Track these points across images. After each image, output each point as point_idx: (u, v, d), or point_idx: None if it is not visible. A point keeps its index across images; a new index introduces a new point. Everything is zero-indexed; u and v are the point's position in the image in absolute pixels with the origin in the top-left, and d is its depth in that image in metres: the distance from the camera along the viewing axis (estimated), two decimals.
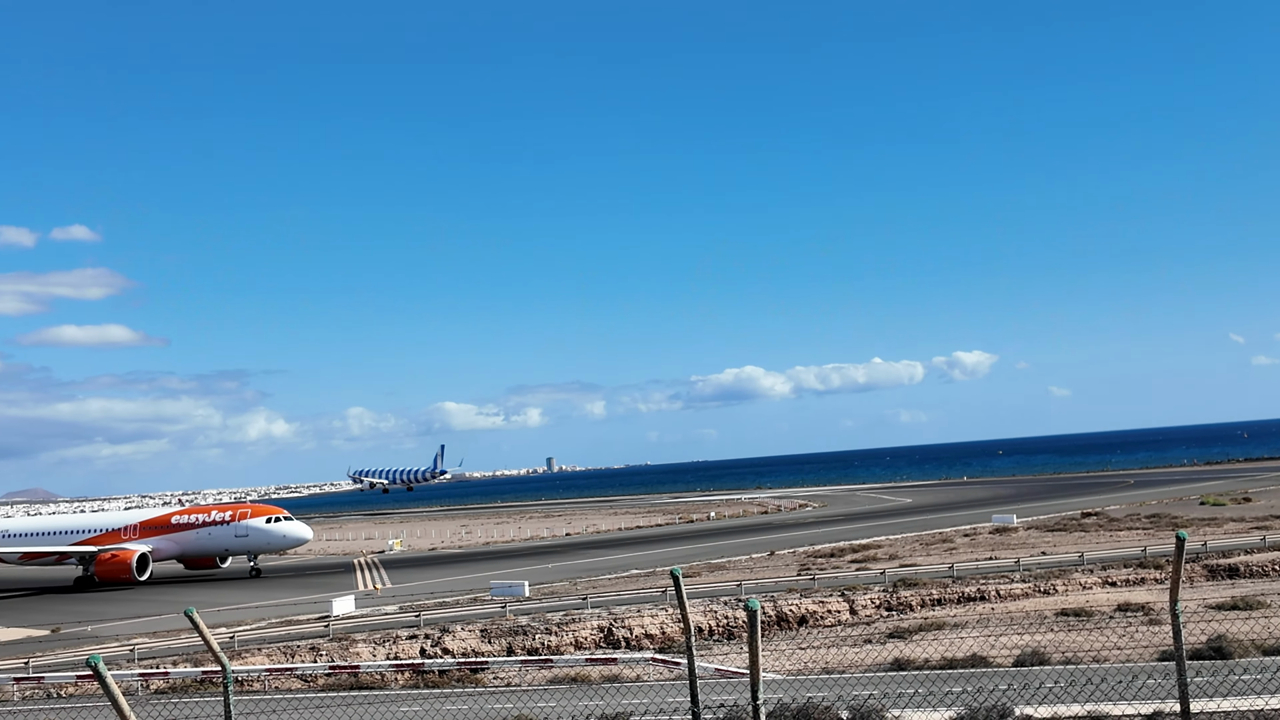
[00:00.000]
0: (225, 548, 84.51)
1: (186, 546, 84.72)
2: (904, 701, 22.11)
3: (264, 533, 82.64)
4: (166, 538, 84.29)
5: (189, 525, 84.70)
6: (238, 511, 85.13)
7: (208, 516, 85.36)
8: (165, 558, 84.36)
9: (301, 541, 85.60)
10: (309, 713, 28.82)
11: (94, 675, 9.83)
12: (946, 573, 55.84)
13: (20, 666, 42.02)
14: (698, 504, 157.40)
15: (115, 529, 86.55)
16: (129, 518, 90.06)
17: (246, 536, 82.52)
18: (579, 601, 52.34)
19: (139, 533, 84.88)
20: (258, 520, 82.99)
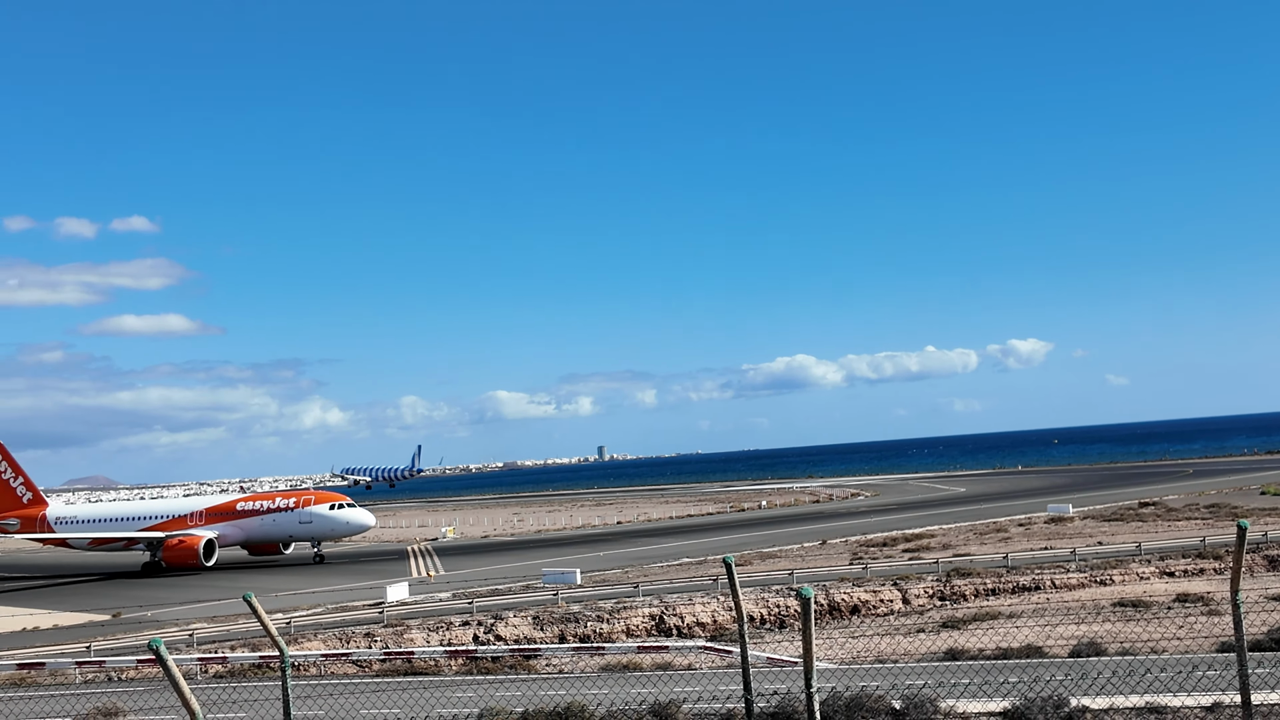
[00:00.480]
0: (289, 534, 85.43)
1: (251, 533, 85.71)
2: (957, 692, 21.95)
3: (327, 519, 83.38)
4: (232, 524, 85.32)
5: (254, 512, 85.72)
6: (301, 498, 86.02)
7: (272, 503, 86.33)
8: (230, 544, 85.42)
9: (364, 528, 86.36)
10: (364, 697, 29.13)
11: (155, 659, 9.99)
12: (1001, 562, 55.37)
13: (82, 650, 42.82)
14: (749, 493, 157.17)
15: (181, 515, 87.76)
16: (195, 504, 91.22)
17: (310, 523, 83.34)
18: (630, 589, 52.47)
19: (205, 519, 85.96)
20: (321, 507, 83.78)
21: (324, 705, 27.62)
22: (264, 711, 26.06)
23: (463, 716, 22.27)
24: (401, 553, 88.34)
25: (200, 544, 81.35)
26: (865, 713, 19.69)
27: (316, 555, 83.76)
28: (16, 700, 32.72)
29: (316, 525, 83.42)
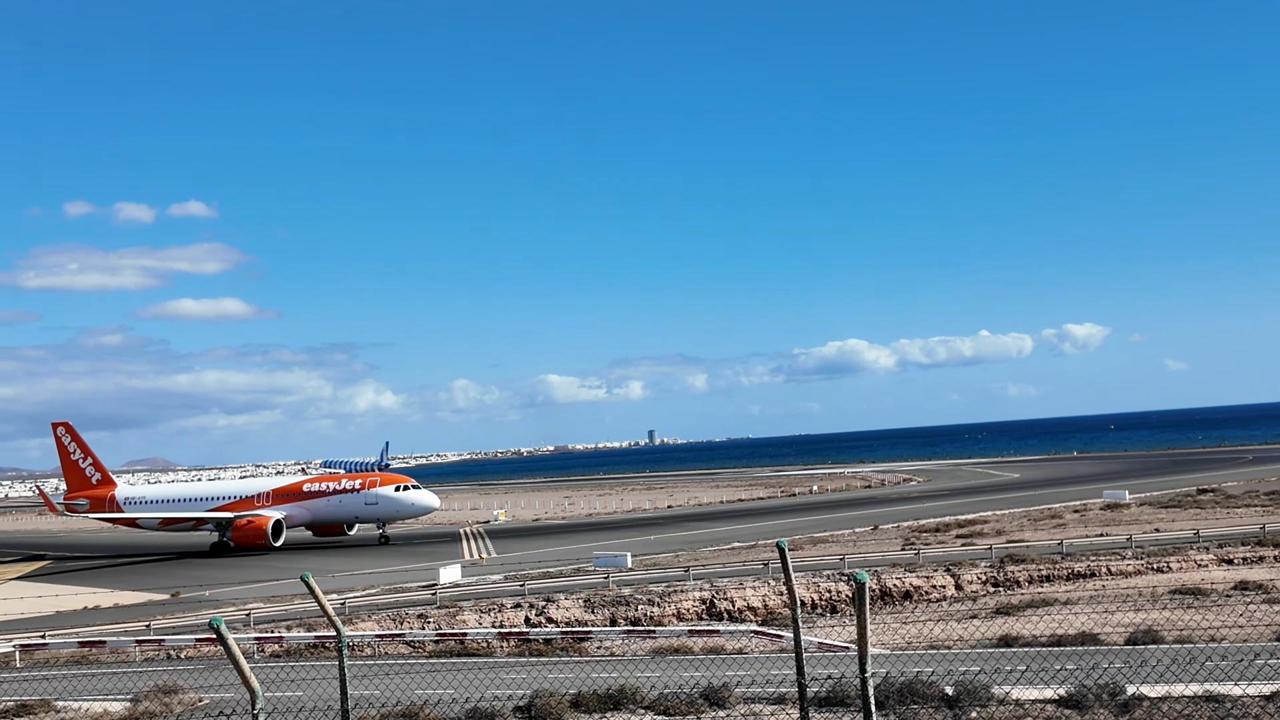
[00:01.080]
0: (355, 515, 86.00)
1: (317, 513, 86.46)
2: (1011, 679, 21.79)
3: (393, 500, 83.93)
4: (298, 505, 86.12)
5: (320, 493, 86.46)
6: (367, 479, 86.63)
7: (338, 484, 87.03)
8: (297, 524, 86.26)
9: (429, 509, 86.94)
10: (418, 678, 29.40)
11: (216, 637, 10.14)
12: (1055, 549, 54.81)
13: (142, 629, 43.58)
14: (800, 478, 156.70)
15: (249, 496, 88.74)
16: (261, 485, 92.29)
17: (376, 504, 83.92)
18: (681, 573, 52.52)
19: (271, 500, 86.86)
20: (387, 488, 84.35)
21: (378, 685, 27.93)
22: (320, 691, 26.39)
23: (515, 698, 22.43)
24: (454, 535, 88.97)
25: (269, 524, 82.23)
26: (918, 699, 19.61)
27: (382, 536, 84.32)
28: (79, 678, 33.37)
29: (382, 507, 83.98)
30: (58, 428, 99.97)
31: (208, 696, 27.93)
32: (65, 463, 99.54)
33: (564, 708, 21.53)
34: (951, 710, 18.87)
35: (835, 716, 19.37)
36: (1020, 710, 18.82)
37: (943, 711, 18.90)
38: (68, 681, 32.62)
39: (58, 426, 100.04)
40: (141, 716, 25.13)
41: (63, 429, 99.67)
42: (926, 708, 19.20)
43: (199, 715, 24.81)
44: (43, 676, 34.64)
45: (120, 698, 27.98)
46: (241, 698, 25.92)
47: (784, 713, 20.44)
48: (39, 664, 38.36)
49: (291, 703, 24.77)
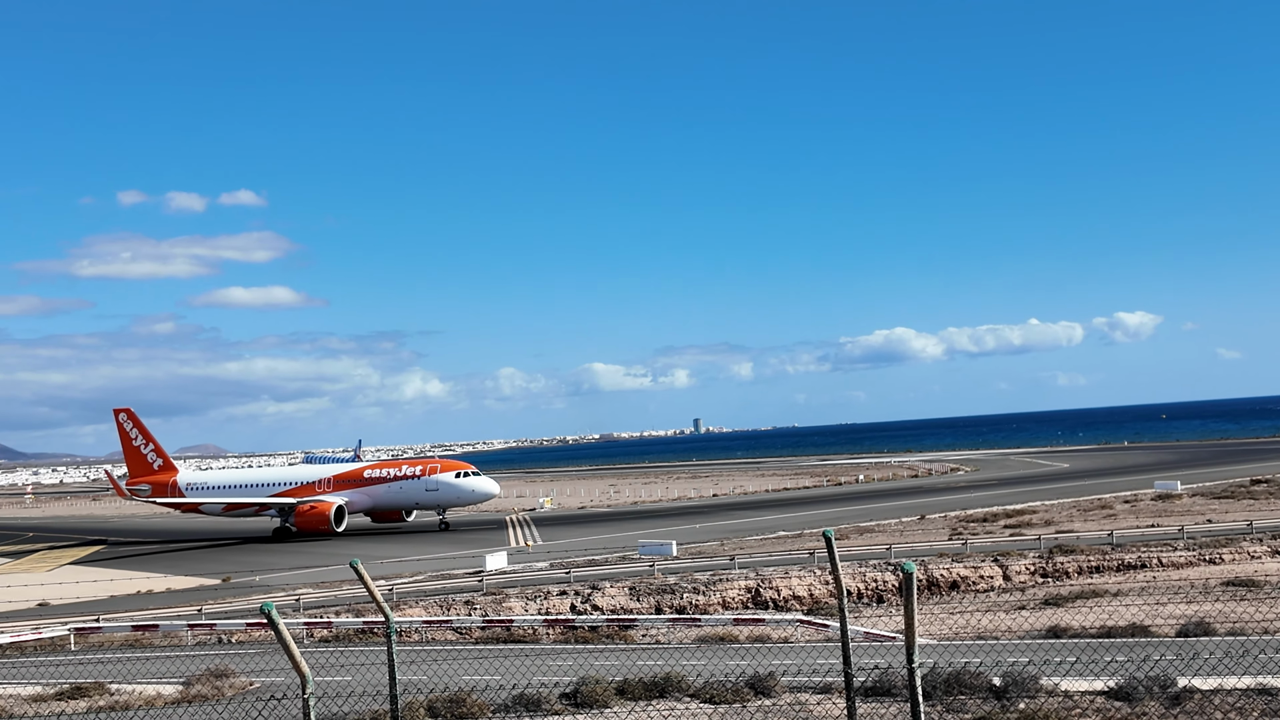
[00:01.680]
0: (415, 501, 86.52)
1: (378, 499, 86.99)
2: (1060, 670, 21.62)
3: (453, 487, 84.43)
4: (360, 491, 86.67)
5: (380, 479, 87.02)
6: (427, 466, 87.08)
7: (398, 470, 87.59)
8: (357, 510, 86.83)
9: (489, 495, 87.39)
10: (465, 663, 29.60)
11: (267, 622, 10.26)
12: (1105, 540, 54.25)
13: (194, 613, 44.18)
14: (846, 467, 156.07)
15: (310, 482, 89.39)
16: (322, 471, 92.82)
17: (436, 491, 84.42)
18: (726, 562, 52.50)
19: (332, 486, 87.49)
20: (447, 475, 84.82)
21: (426, 670, 28.13)
22: (369, 675, 26.64)
23: (561, 685, 22.53)
24: (500, 523, 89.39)
25: (331, 510, 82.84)
26: (965, 689, 19.50)
27: (442, 523, 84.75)
28: (133, 661, 33.89)
29: (443, 493, 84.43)
30: (119, 414, 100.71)
31: (258, 680, 28.27)
32: (127, 449, 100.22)
33: (609, 695, 21.60)
34: (999, 701, 18.75)
35: (882, 706, 19.30)
36: (1069, 702, 18.66)
37: (990, 702, 18.78)
38: (121, 664, 33.14)
39: (119, 413, 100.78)
40: (194, 699, 25.47)
41: (124, 415, 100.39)
42: (974, 698, 19.09)
43: (250, 699, 25.12)
44: (97, 659, 35.21)
45: (173, 681, 28.39)
46: (292, 682, 26.24)
47: (830, 702, 20.39)
48: (93, 647, 39.00)
49: (341, 687, 25.03)
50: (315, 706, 11.05)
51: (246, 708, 23.01)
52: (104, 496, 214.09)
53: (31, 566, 74.78)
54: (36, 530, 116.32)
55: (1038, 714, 17.57)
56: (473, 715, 20.65)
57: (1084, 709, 18.21)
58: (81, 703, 26.62)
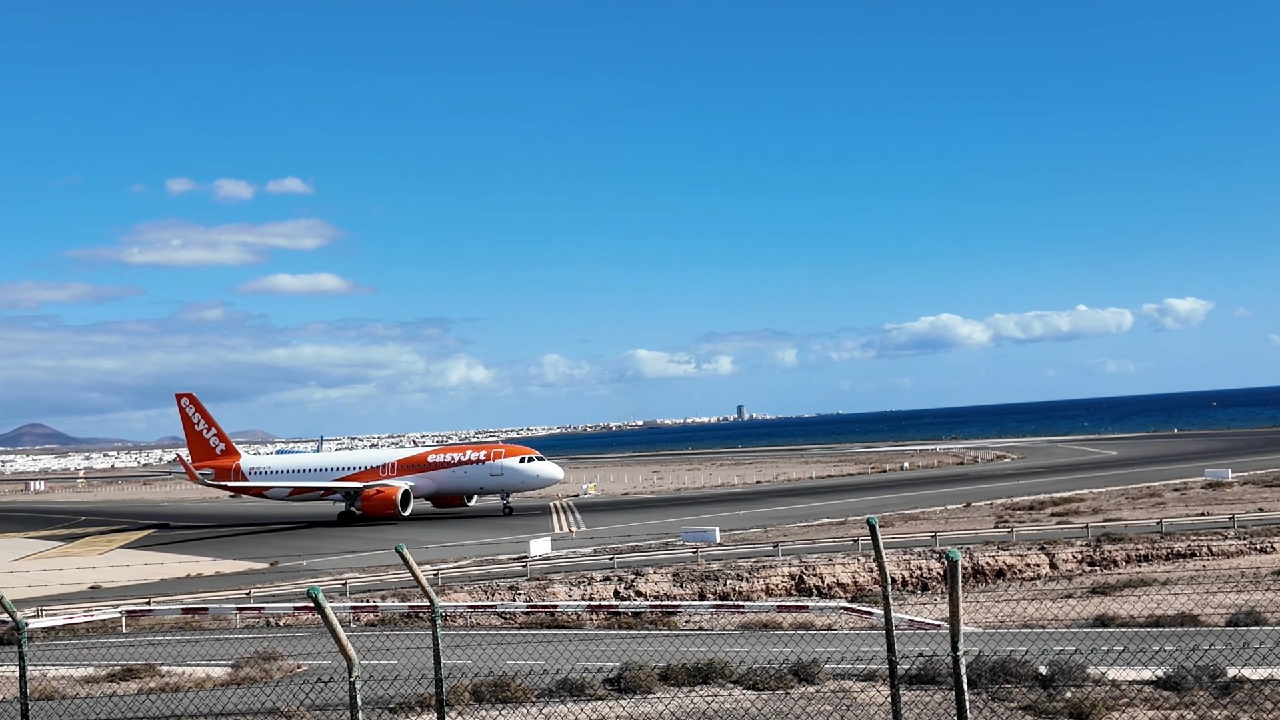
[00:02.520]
0: (480, 486, 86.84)
1: (442, 484, 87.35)
2: (1108, 659, 21.42)
3: (518, 472, 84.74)
4: (424, 475, 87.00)
5: (445, 464, 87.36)
6: (492, 451, 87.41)
7: (463, 455, 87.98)
8: (422, 495, 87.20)
9: (553, 480, 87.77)
10: (509, 648, 29.77)
11: (314, 606, 10.35)
12: (1154, 528, 53.66)
13: (242, 596, 44.72)
14: (890, 454, 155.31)
15: (374, 466, 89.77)
16: (386, 455, 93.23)
17: (501, 475, 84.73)
18: (770, 549, 52.44)
19: (396, 470, 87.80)
20: (512, 460, 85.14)
21: (470, 655, 28.32)
22: (414, 660, 26.86)
23: (605, 670, 22.60)
24: (544, 508, 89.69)
25: (398, 494, 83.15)
26: (1011, 678, 19.37)
27: (506, 507, 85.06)
28: (182, 643, 34.37)
29: (507, 478, 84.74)
30: (181, 399, 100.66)
31: (306, 663, 28.58)
32: (189, 433, 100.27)
33: (653, 680, 21.64)
34: (1045, 690, 18.61)
35: (926, 694, 19.22)
36: (1116, 691, 18.49)
37: (1036, 691, 18.65)
38: (171, 647, 33.62)
39: (181, 397, 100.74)
40: (242, 682, 25.78)
41: (187, 400, 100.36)
42: (1020, 687, 18.95)
43: (297, 681, 25.39)
44: (147, 641, 35.72)
45: (221, 663, 28.75)
46: (338, 665, 26.49)
47: (874, 689, 20.32)
48: (144, 629, 39.59)
49: (386, 670, 25.25)
50: (361, 689, 11.15)
51: (294, 690, 23.26)
52: (154, 481, 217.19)
53: (83, 550, 75.97)
54: (88, 514, 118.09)
55: (1085, 703, 17.43)
56: (517, 699, 20.76)
57: (1132, 698, 18.03)
58: (132, 684, 27.03)
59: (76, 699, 24.83)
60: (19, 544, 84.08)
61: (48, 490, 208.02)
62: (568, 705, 20.17)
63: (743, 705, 19.52)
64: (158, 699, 23.48)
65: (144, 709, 22.27)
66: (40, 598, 47.55)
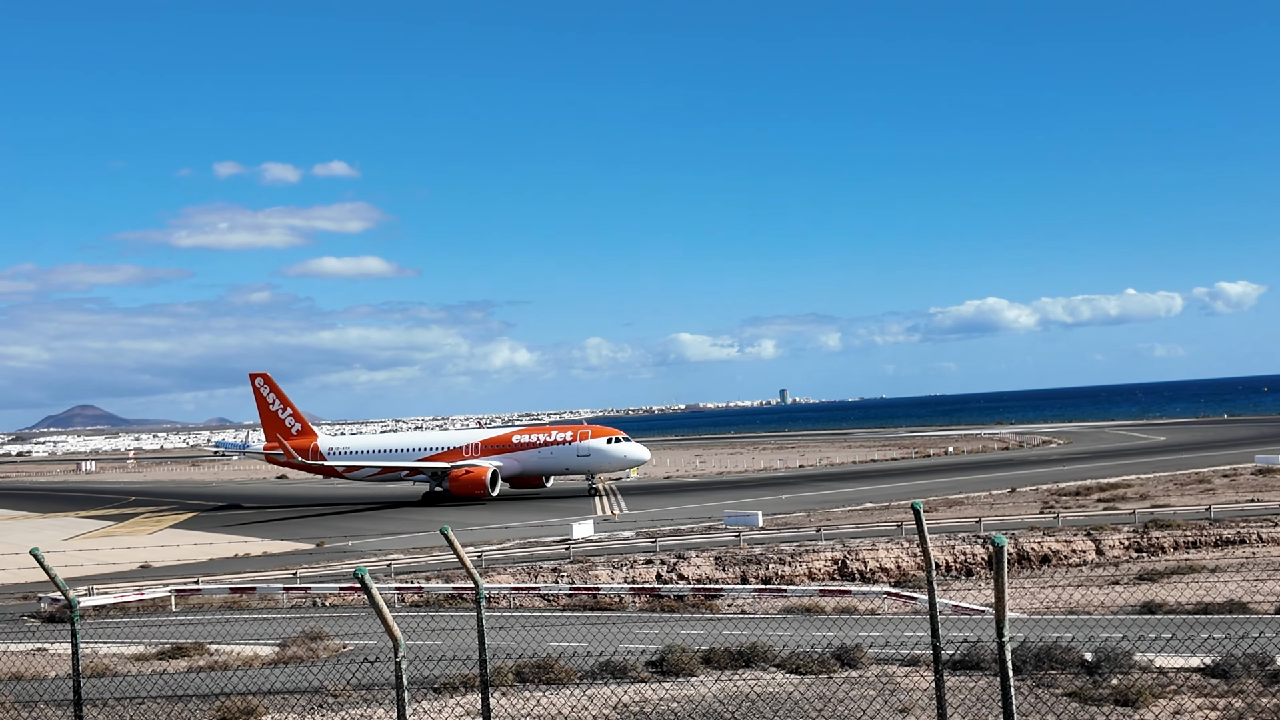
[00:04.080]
0: (566, 467, 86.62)
1: (528, 465, 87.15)
2: (1155, 646, 21.23)
3: (604, 453, 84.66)
4: (508, 456, 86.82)
5: (530, 445, 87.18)
6: (578, 432, 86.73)
7: (548, 436, 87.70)
8: (505, 476, 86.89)
9: (640, 461, 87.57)
10: (552, 630, 29.94)
11: (360, 586, 10.46)
12: (1203, 514, 53.01)
13: (289, 577, 45.23)
14: (935, 438, 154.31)
15: (457, 447, 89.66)
16: (470, 436, 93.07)
17: (588, 456, 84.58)
18: (813, 533, 52.33)
19: (480, 451, 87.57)
20: (599, 441, 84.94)
21: (514, 636, 28.51)
22: (458, 640, 27.08)
23: (647, 653, 22.67)
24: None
25: (487, 474, 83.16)
26: (1056, 664, 19.25)
27: (591, 489, 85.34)
28: (230, 622, 34.82)
29: (594, 459, 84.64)
30: (256, 378, 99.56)
31: (351, 643, 28.89)
32: (264, 414, 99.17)
33: (695, 663, 21.70)
34: (1091, 677, 18.48)
35: (970, 680, 19.14)
36: (1163, 679, 18.33)
37: (1082, 678, 18.53)
38: (220, 625, 34.08)
39: (256, 377, 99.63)
40: (289, 661, 26.11)
41: (261, 380, 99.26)
42: (1065, 674, 18.84)
43: (344, 661, 25.67)
44: (196, 620, 36.25)
45: (269, 642, 29.12)
46: (384, 645, 26.74)
47: (917, 674, 20.27)
48: (193, 608, 40.16)
49: (431, 651, 25.48)
50: (407, 670, 11.25)
51: (341, 670, 23.53)
52: (203, 462, 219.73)
53: (133, 529, 77.10)
54: (138, 494, 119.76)
55: (1131, 690, 17.29)
56: (560, 681, 20.89)
57: (1179, 686, 17.87)
58: (182, 662, 27.45)
59: (127, 676, 25.25)
60: (71, 523, 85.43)
61: (98, 470, 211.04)
62: (610, 687, 20.27)
63: (785, 689, 19.53)
64: (206, 677, 23.81)
65: (193, 687, 22.60)
66: (92, 576, 48.29)
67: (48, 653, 30.25)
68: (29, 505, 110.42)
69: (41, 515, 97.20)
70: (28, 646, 31.45)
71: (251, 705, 19.39)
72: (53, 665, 27.25)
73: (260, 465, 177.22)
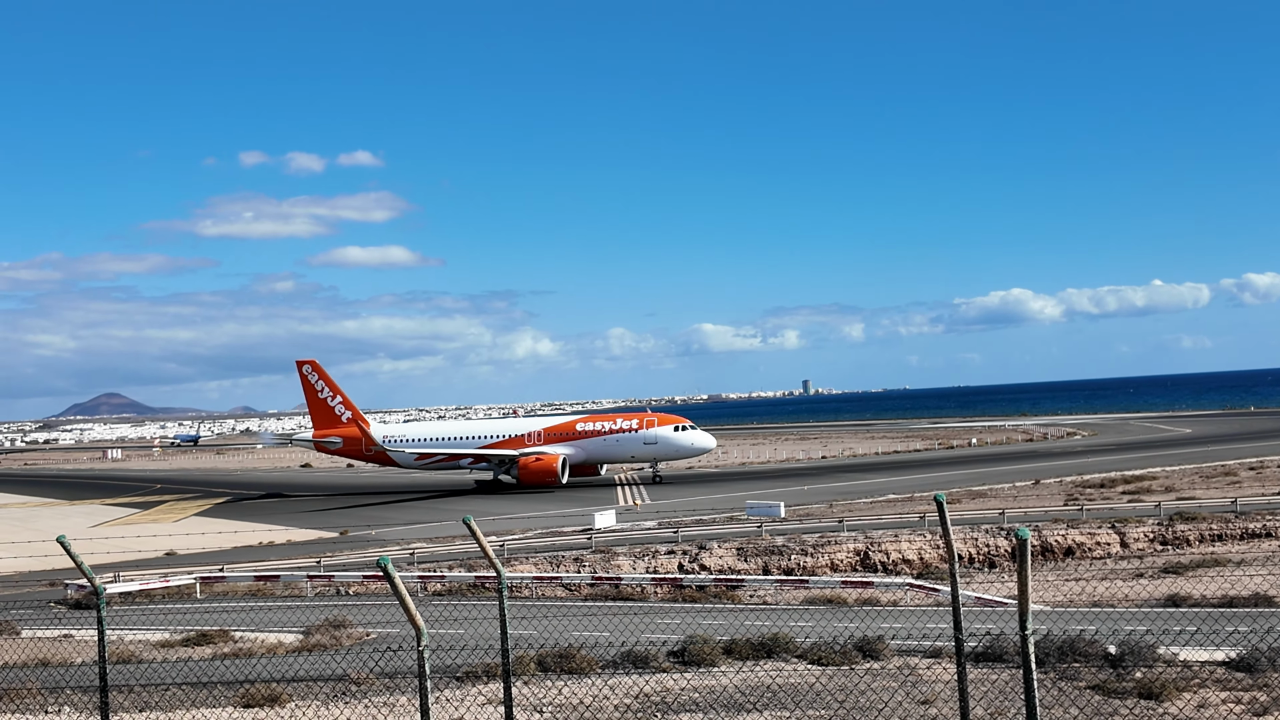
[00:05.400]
0: (631, 454, 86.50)
1: (590, 452, 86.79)
2: (1179, 640, 21.11)
3: (672, 440, 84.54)
4: (572, 444, 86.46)
5: (595, 432, 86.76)
6: (644, 419, 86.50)
7: (613, 424, 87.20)
8: (573, 463, 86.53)
9: (706, 449, 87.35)
10: (574, 620, 30.00)
11: (383, 575, 10.50)
12: (1229, 507, 52.64)
13: (313, 565, 45.47)
14: (958, 430, 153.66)
15: (519, 435, 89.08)
16: (531, 424, 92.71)
17: (655, 444, 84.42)
18: (835, 524, 52.24)
19: (543, 439, 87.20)
20: (665, 429, 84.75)
21: (536, 626, 28.58)
22: (480, 629, 27.15)
23: (669, 643, 22.69)
24: (609, 482, 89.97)
25: (558, 462, 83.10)
26: (1080, 657, 19.17)
27: (655, 476, 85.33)
28: (255, 610, 35.03)
29: (661, 446, 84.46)
30: (303, 365, 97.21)
31: (374, 631, 29.03)
32: (312, 401, 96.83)
33: (717, 654, 21.71)
34: (1115, 670, 18.39)
35: (993, 672, 19.08)
36: (1188, 672, 18.22)
37: (1105, 671, 18.44)
38: (244, 613, 34.29)
39: (303, 364, 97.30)
40: (313, 648, 26.25)
41: (309, 367, 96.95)
42: (1089, 667, 18.76)
43: (367, 649, 25.80)
44: (221, 608, 36.48)
45: (293, 630, 29.30)
46: (406, 634, 26.86)
47: (940, 666, 20.22)
48: (218, 595, 40.43)
49: (454, 640, 25.56)
50: (429, 658, 11.29)
51: (364, 657, 23.64)
52: (228, 450, 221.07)
53: (159, 517, 77.64)
54: (164, 482, 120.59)
55: (1155, 683, 17.20)
56: (582, 670, 20.93)
57: (1203, 680, 17.76)
58: (207, 649, 27.65)
59: (152, 663, 25.45)
60: (97, 510, 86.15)
61: (124, 458, 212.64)
62: (631, 677, 20.30)
63: (807, 680, 19.51)
64: (231, 664, 23.99)
65: (217, 673, 22.76)
66: (118, 563, 48.70)
67: (74, 639, 30.53)
68: (56, 493, 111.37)
69: (69, 503, 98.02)
70: (54, 632, 31.75)
71: (275, 692, 19.51)
72: (79, 651, 27.49)
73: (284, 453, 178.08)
